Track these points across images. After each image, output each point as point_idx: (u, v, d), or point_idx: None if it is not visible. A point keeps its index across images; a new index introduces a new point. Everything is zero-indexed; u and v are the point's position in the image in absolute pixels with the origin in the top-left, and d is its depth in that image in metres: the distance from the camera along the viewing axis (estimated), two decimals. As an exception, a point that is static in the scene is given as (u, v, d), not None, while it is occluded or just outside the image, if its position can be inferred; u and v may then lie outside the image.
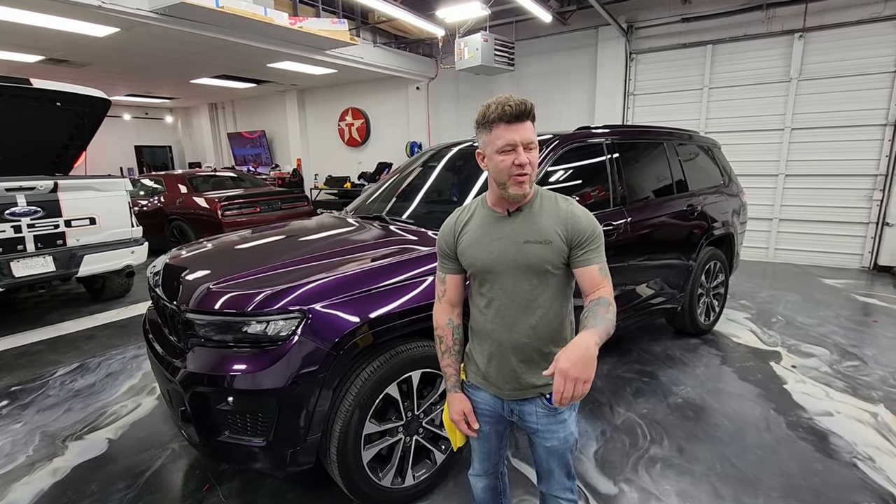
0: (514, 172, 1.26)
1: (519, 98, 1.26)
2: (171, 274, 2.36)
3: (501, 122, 1.26)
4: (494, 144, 1.28)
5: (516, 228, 1.34)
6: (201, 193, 6.87)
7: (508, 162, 1.26)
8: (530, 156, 1.27)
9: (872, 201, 6.05)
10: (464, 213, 1.46)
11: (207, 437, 1.91)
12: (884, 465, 2.38)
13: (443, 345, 1.50)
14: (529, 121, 1.27)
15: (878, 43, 5.71)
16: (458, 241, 1.43)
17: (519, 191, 1.28)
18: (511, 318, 1.36)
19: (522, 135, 1.25)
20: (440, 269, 1.51)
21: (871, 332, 4.13)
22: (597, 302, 1.29)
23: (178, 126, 14.34)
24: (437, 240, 1.50)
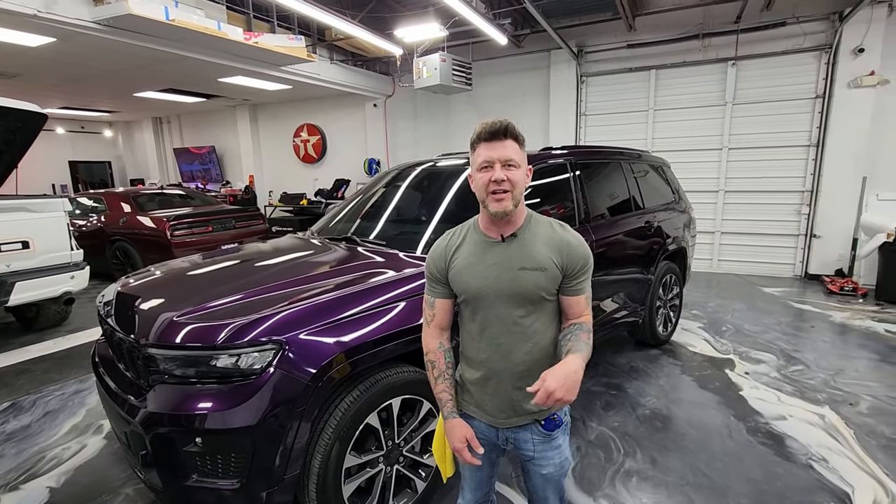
0: (490, 189, 1.28)
1: (501, 119, 1.29)
2: (125, 304, 2.19)
3: (481, 141, 1.30)
4: (476, 163, 1.31)
5: (511, 254, 1.33)
6: (147, 212, 6.48)
7: (486, 179, 1.28)
8: (509, 174, 1.27)
9: (801, 215, 6.58)
10: (455, 236, 1.44)
11: (172, 482, 1.76)
12: (836, 465, 2.54)
13: (435, 370, 1.45)
14: (510, 140, 1.29)
15: (800, 72, 6.28)
16: (449, 265, 1.40)
17: (498, 208, 1.29)
18: (506, 345, 1.35)
19: (500, 153, 1.27)
20: (429, 293, 1.47)
21: (809, 337, 4.45)
22: (579, 327, 1.34)
23: (119, 141, 13.53)
24: (427, 263, 1.46)
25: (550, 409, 1.40)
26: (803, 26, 6.09)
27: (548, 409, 1.39)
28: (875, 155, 5.98)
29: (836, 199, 6.20)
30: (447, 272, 1.40)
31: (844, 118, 5.99)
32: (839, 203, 6.18)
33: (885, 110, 5.87)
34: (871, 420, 2.98)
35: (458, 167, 3.10)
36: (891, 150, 5.94)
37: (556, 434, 1.42)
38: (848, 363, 3.83)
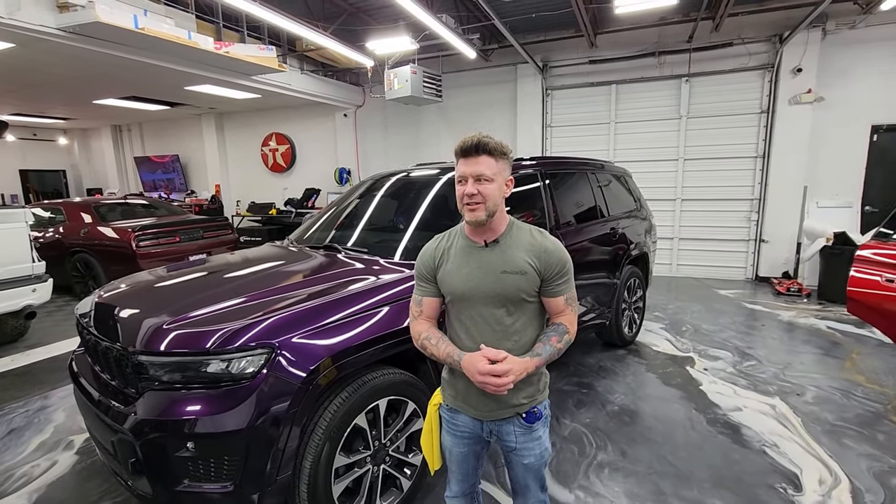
0: (465, 202, 1.41)
1: (478, 135, 1.40)
2: (108, 313, 2.18)
3: (459, 157, 1.43)
4: (455, 176, 1.44)
5: (493, 259, 1.45)
6: (109, 223, 6.28)
7: (461, 192, 1.42)
8: (481, 187, 1.39)
9: (751, 222, 7.04)
10: (444, 240, 1.55)
11: (163, 488, 1.78)
12: (786, 449, 2.78)
13: (433, 339, 1.50)
14: (483, 155, 1.40)
15: (747, 89, 6.76)
16: (438, 267, 1.51)
17: (471, 217, 1.42)
18: (489, 343, 1.45)
19: (473, 168, 1.40)
20: (418, 292, 1.57)
21: (760, 335, 4.78)
22: (555, 329, 1.49)
23: (75, 148, 12.98)
24: (417, 265, 1.57)
25: (533, 400, 1.52)
26: (748, 47, 6.58)
27: (529, 402, 1.51)
28: (814, 166, 6.50)
29: (781, 207, 6.68)
30: (436, 273, 1.51)
31: (786, 132, 6.48)
32: (784, 210, 6.66)
33: (822, 125, 6.39)
34: (815, 408, 3.26)
35: (434, 176, 3.21)
36: (827, 162, 6.47)
37: (537, 426, 1.54)
38: (795, 357, 4.15)
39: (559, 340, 1.45)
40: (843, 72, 6.24)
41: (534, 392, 1.52)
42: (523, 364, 1.38)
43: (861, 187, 6.43)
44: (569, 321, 1.50)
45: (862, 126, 6.30)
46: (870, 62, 6.13)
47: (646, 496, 2.39)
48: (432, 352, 1.48)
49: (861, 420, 3.09)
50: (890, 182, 6.26)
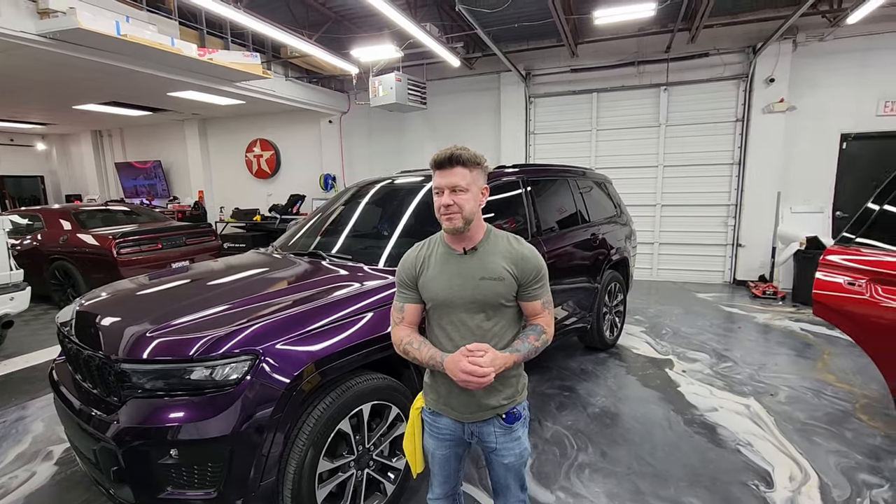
0: (441, 212, 1.47)
1: (452, 147, 1.46)
2: (89, 321, 2.18)
3: (435, 169, 1.49)
4: (432, 188, 1.50)
5: (472, 266, 1.51)
6: (89, 230, 6.19)
7: (438, 203, 1.48)
8: (457, 198, 1.44)
9: (728, 227, 7.23)
10: (424, 248, 1.60)
11: (146, 496, 1.78)
12: (759, 448, 2.87)
13: (415, 342, 1.53)
14: (458, 167, 1.45)
15: (723, 98, 6.96)
16: (419, 273, 1.56)
17: (448, 225, 1.48)
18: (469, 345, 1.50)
19: (448, 179, 1.45)
20: (399, 298, 1.61)
21: (737, 337, 4.91)
22: (533, 328, 1.55)
23: (53, 154, 12.75)
24: (398, 272, 1.61)
25: (512, 402, 1.57)
26: (723, 57, 6.79)
27: (509, 403, 1.56)
28: (787, 172, 6.71)
29: (756, 212, 6.88)
30: (417, 280, 1.56)
31: (760, 140, 6.69)
32: (759, 215, 6.86)
33: (795, 132, 6.62)
34: (788, 407, 3.37)
35: (417, 184, 3.26)
36: (800, 168, 6.69)
37: (516, 427, 1.59)
38: (769, 359, 4.28)
39: (536, 339, 1.52)
40: (813, 82, 6.47)
41: (513, 393, 1.57)
42: (503, 358, 1.43)
43: (832, 193, 6.66)
44: (546, 322, 1.57)
45: (832, 134, 6.54)
46: (838, 73, 6.38)
47: (625, 496, 2.45)
48: (415, 356, 1.51)
49: (831, 418, 3.21)
50: (859, 188, 6.49)
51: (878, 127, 6.32)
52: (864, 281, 2.18)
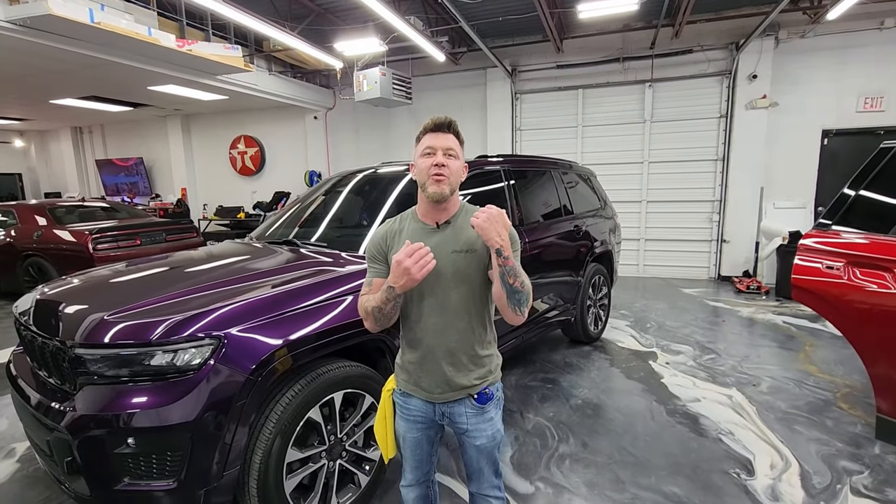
0: (432, 172, 1.42)
1: (446, 116, 1.47)
2: (48, 308, 2.09)
3: (427, 132, 1.47)
4: (419, 150, 1.47)
5: (444, 239, 1.46)
6: (65, 226, 6.04)
7: (428, 163, 1.43)
8: (449, 161, 1.43)
9: (713, 223, 7.26)
10: (395, 223, 1.55)
11: (101, 488, 1.70)
12: (741, 437, 2.85)
13: (370, 297, 1.46)
14: (452, 134, 1.47)
15: (707, 94, 7.00)
16: (389, 248, 1.50)
17: (436, 189, 1.42)
18: (441, 323, 1.45)
19: (442, 142, 1.44)
20: (370, 273, 1.55)
21: (721, 331, 4.91)
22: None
23: (32, 151, 12.47)
24: (368, 246, 1.56)
25: (484, 381, 1.52)
26: (707, 54, 6.82)
27: (481, 382, 1.51)
28: (770, 168, 6.76)
29: (740, 208, 6.92)
30: (387, 254, 1.50)
31: (744, 136, 6.73)
32: (743, 211, 6.89)
33: (777, 129, 6.67)
34: (770, 397, 3.36)
35: (399, 173, 3.20)
36: (782, 165, 6.74)
37: (489, 407, 1.54)
38: (752, 351, 4.28)
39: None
40: (795, 78, 6.53)
41: (485, 373, 1.52)
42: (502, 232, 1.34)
43: (814, 189, 6.71)
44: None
45: (814, 130, 6.60)
46: (819, 70, 6.44)
47: (605, 485, 2.41)
48: (373, 305, 1.41)
49: (812, 407, 3.20)
50: (840, 184, 6.44)
51: (858, 123, 6.39)
52: (842, 264, 2.17)
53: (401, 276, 1.31)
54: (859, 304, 2.10)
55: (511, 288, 1.37)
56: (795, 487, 2.37)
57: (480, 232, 1.34)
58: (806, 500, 2.28)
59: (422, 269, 1.30)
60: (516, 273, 1.37)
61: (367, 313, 1.46)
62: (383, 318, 1.43)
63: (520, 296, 1.39)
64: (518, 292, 1.38)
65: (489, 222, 1.32)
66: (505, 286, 1.37)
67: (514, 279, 1.37)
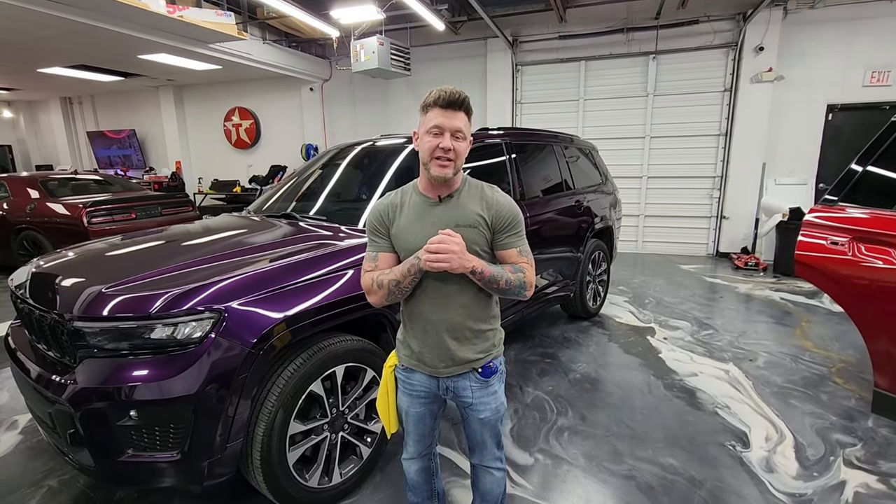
0: (436, 155, 1.36)
1: (460, 90, 1.36)
2: (44, 282, 2.06)
3: (436, 107, 1.37)
4: (426, 125, 1.38)
5: (447, 213, 1.42)
6: (59, 199, 5.95)
7: (434, 144, 1.36)
8: (456, 144, 1.36)
9: (713, 199, 7.22)
10: (396, 196, 1.51)
11: (105, 459, 1.71)
12: (737, 410, 2.89)
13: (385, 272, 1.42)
14: (463, 112, 1.38)
15: (712, 66, 6.85)
16: (392, 221, 1.47)
17: (439, 173, 1.37)
18: (443, 298, 1.43)
19: (452, 122, 1.35)
20: (371, 248, 1.50)
21: (718, 306, 4.94)
22: (512, 266, 1.45)
23: (21, 122, 12.20)
24: (369, 220, 1.51)
25: (488, 355, 1.51)
26: (713, 25, 6.65)
27: (485, 356, 1.50)
28: (773, 144, 6.68)
29: (741, 184, 6.87)
30: (389, 228, 1.47)
31: (747, 110, 6.63)
32: (744, 187, 6.85)
33: (781, 103, 6.56)
34: (766, 372, 3.40)
35: (398, 146, 3.14)
36: (785, 140, 6.66)
37: (492, 381, 1.53)
38: (749, 326, 4.31)
39: (512, 272, 1.41)
40: (802, 51, 6.39)
41: (489, 347, 1.52)
42: (472, 255, 1.35)
43: (816, 165, 6.66)
44: (526, 268, 1.46)
45: (819, 105, 6.49)
46: (827, 42, 6.29)
47: (603, 457, 2.44)
48: (389, 279, 1.39)
49: (807, 382, 3.24)
50: (843, 160, 6.40)
51: (864, 98, 6.29)
52: (847, 240, 2.15)
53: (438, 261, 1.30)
54: (862, 280, 2.10)
55: (498, 290, 1.41)
56: (789, 459, 2.41)
57: (446, 269, 1.32)
58: (800, 471, 2.32)
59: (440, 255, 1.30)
60: (495, 279, 1.37)
61: (379, 287, 1.41)
62: (399, 292, 1.41)
63: (510, 291, 1.42)
64: (506, 291, 1.41)
65: (449, 260, 1.29)
66: (493, 292, 1.43)
67: (496, 284, 1.38)
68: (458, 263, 1.30)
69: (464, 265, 1.31)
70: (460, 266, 1.31)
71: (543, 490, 2.20)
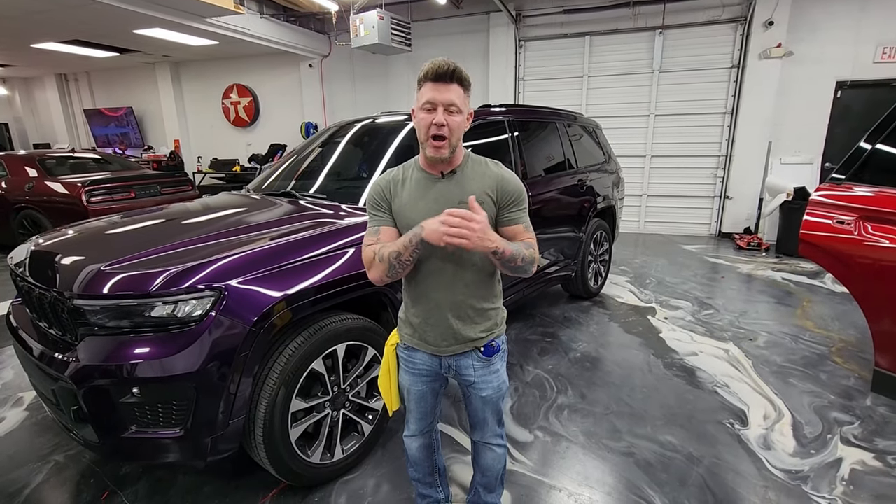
0: (431, 132, 1.30)
1: (450, 61, 1.29)
2: (43, 260, 2.05)
3: (428, 81, 1.30)
4: (419, 101, 1.33)
5: (450, 189, 1.39)
6: (57, 177, 5.91)
7: (428, 120, 1.30)
8: (450, 118, 1.29)
9: (717, 178, 7.15)
10: (398, 172, 1.47)
11: (109, 435, 1.72)
12: (736, 389, 2.90)
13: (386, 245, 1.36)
14: (457, 84, 1.30)
15: (719, 42, 6.70)
16: (393, 197, 1.44)
17: (435, 154, 1.32)
18: (446, 276, 1.42)
19: (444, 96, 1.29)
20: (373, 222, 1.46)
21: (719, 286, 4.94)
22: (523, 241, 1.41)
23: (17, 100, 12.05)
24: (370, 195, 1.47)
25: (491, 334, 1.50)
26: (722, -2, 6.47)
27: (487, 335, 1.49)
28: (779, 122, 6.57)
29: (746, 164, 6.79)
30: (391, 203, 1.44)
31: (755, 87, 6.50)
32: (749, 167, 6.77)
33: (789, 80, 6.43)
34: (766, 352, 3.41)
35: (399, 123, 3.09)
36: (792, 118, 6.55)
37: (495, 360, 1.53)
38: (750, 306, 4.31)
39: (526, 248, 1.37)
40: (812, 26, 6.23)
41: (491, 326, 1.51)
42: (494, 234, 1.26)
43: (822, 144, 6.56)
44: (533, 245, 1.42)
45: (828, 82, 6.36)
46: (838, 16, 6.13)
47: (602, 434, 2.47)
48: (389, 251, 1.33)
49: (807, 361, 3.25)
50: (850, 139, 6.39)
51: (875, 75, 6.16)
52: (853, 219, 2.12)
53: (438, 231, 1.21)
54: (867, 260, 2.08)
55: (514, 268, 1.36)
56: (787, 437, 2.43)
57: (473, 248, 1.22)
58: (797, 448, 2.34)
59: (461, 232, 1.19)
60: (514, 258, 1.32)
61: (380, 260, 1.36)
62: (399, 266, 1.34)
63: (522, 269, 1.37)
64: (519, 269, 1.37)
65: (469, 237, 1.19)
66: (508, 270, 1.36)
67: (514, 263, 1.33)
68: (479, 243, 1.21)
69: (485, 245, 1.22)
70: (481, 246, 1.21)
71: (543, 466, 2.23)
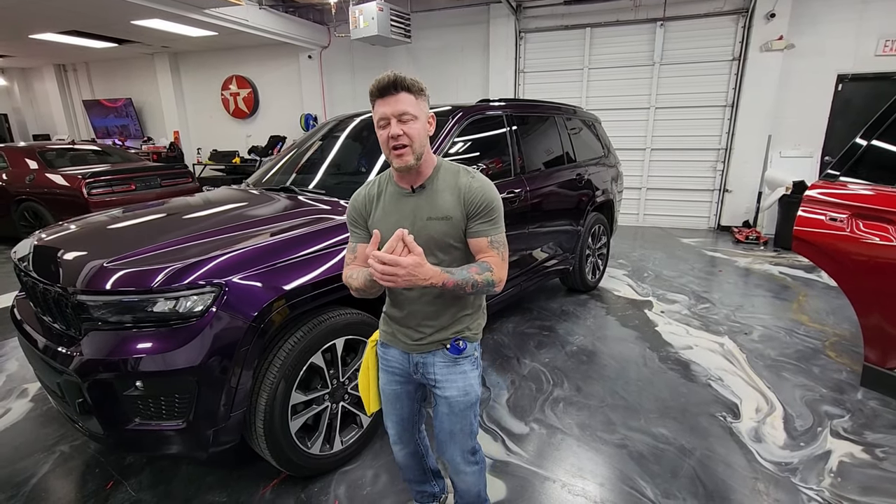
0: (390, 145, 1.29)
1: (391, 72, 1.28)
2: (46, 255, 2.08)
3: (375, 98, 1.30)
4: (375, 121, 1.32)
5: (420, 205, 1.37)
6: (58, 170, 5.92)
7: (385, 136, 1.29)
8: (406, 128, 1.27)
9: (716, 171, 7.15)
10: (373, 186, 1.46)
11: (113, 427, 1.76)
12: (730, 382, 2.95)
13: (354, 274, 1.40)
14: (402, 92, 1.27)
15: (721, 34, 6.66)
16: (368, 213, 1.44)
17: (400, 163, 1.30)
18: (420, 291, 1.39)
19: (394, 107, 1.27)
20: (352, 239, 1.48)
21: (717, 280, 4.97)
22: (480, 263, 1.35)
23: (16, 90, 12.02)
24: (348, 211, 1.48)
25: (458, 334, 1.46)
26: (724, -10, 6.43)
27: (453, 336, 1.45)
28: (779, 115, 6.56)
29: (745, 157, 6.79)
30: (367, 220, 1.44)
31: (756, 80, 6.48)
32: (748, 160, 6.77)
33: (790, 73, 6.41)
34: (760, 345, 3.45)
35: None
36: (793, 111, 6.54)
37: (462, 360, 1.47)
38: (747, 300, 4.35)
39: (479, 272, 1.31)
40: (814, 18, 6.20)
41: (462, 330, 1.47)
42: (431, 269, 1.21)
43: (822, 138, 6.55)
44: (495, 263, 1.36)
45: (829, 75, 6.34)
46: (840, 8, 6.09)
47: (596, 426, 2.51)
48: (357, 286, 1.38)
49: (800, 355, 3.29)
50: (851, 133, 6.29)
51: (876, 68, 6.13)
52: (846, 216, 2.14)
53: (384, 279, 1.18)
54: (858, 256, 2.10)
55: (467, 295, 1.37)
56: (778, 430, 2.48)
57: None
58: (787, 441, 2.39)
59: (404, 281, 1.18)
60: (461, 287, 1.28)
61: (353, 289, 1.40)
62: (369, 295, 1.40)
63: (479, 293, 1.35)
64: (475, 294, 1.36)
65: (401, 283, 1.18)
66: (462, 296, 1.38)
67: (463, 291, 1.30)
68: (411, 282, 1.19)
69: (415, 283, 1.20)
70: (411, 284, 1.19)
71: (538, 458, 2.28)
